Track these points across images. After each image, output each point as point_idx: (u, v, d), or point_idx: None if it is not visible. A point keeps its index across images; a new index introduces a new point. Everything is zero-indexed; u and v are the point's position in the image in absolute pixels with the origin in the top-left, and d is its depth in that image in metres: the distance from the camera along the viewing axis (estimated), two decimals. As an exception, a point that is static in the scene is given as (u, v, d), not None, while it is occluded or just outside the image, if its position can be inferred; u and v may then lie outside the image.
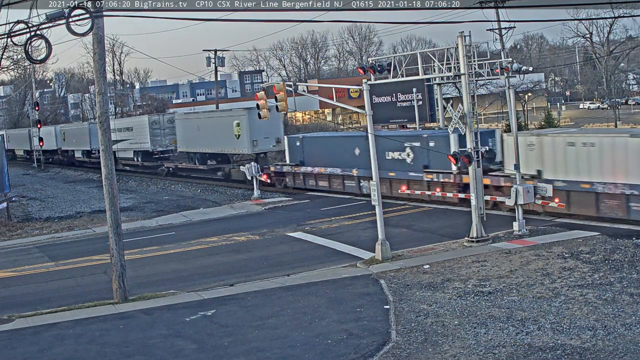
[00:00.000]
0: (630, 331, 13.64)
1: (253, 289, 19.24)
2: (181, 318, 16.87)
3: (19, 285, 22.36)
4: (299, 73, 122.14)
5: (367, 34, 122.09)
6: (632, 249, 19.98)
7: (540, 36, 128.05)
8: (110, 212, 18.97)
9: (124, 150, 57.60)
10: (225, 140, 43.49)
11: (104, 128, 19.01)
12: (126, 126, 56.94)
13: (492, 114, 79.91)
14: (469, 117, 22.59)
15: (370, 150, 22.43)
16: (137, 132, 54.78)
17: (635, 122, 70.13)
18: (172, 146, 53.03)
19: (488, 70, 24.60)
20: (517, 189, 23.50)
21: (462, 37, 22.50)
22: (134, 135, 55.21)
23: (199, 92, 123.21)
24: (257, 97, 23.71)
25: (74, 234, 31.13)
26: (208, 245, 26.39)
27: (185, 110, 70.98)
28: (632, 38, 78.75)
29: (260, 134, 41.20)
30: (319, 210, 32.03)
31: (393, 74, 24.07)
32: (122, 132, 56.49)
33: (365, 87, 22.35)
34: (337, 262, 21.91)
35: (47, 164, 73.90)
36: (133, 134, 55.34)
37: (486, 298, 16.47)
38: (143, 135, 53.81)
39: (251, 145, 41.55)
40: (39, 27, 15.22)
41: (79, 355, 14.88)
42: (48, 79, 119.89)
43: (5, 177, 36.75)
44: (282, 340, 14.73)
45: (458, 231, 24.23)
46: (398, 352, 13.60)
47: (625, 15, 59.15)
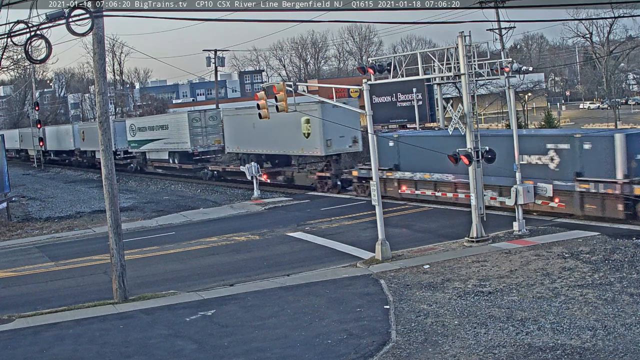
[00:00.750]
0: (630, 331, 13.64)
1: (253, 289, 19.24)
2: (181, 318, 16.87)
3: (19, 285, 22.36)
4: (299, 73, 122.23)
5: (367, 34, 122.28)
6: (632, 249, 19.98)
7: (540, 36, 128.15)
8: (110, 212, 18.97)
9: (156, 151, 53.58)
10: (290, 139, 37.77)
11: (104, 128, 19.03)
12: (160, 124, 52.45)
13: (492, 114, 79.92)
14: (469, 117, 22.59)
15: (371, 151, 22.46)
16: (173, 131, 50.06)
17: (635, 122, 70.19)
18: (215, 146, 48.19)
19: (488, 70, 24.58)
20: (517, 189, 23.51)
21: (462, 37, 22.49)
22: (170, 134, 50.52)
23: (199, 92, 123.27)
24: (257, 97, 23.73)
25: (74, 234, 31.13)
26: (208, 245, 26.40)
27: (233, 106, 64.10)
28: (632, 38, 78.72)
29: (335, 132, 35.10)
30: (319, 210, 32.02)
31: (393, 74, 24.05)
32: (155, 131, 52.37)
33: (365, 87, 22.35)
34: (337, 262, 21.91)
35: (64, 165, 70.65)
36: (168, 133, 50.71)
37: (486, 298, 16.47)
38: (181, 134, 48.90)
39: (324, 146, 35.84)
40: (39, 27, 15.23)
41: (79, 355, 14.88)
42: (48, 79, 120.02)
43: (5, 177, 36.75)
44: (282, 340, 14.74)
45: (458, 231, 24.23)
46: (398, 352, 13.60)
47: (625, 15, 59.18)
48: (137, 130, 55.65)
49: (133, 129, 56.21)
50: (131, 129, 56.46)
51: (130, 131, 56.54)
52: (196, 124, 48.00)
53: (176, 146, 50.11)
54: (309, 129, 36.37)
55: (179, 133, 49.26)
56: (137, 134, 55.50)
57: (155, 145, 52.76)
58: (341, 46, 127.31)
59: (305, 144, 36.81)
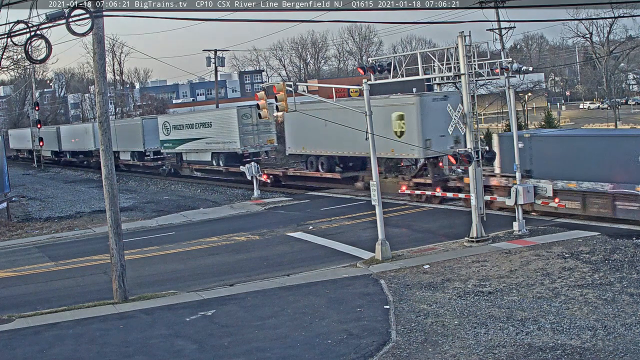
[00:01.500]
0: (630, 331, 13.64)
1: (253, 289, 19.24)
2: (181, 318, 16.87)
3: (19, 285, 22.36)
4: (299, 73, 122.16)
5: (367, 34, 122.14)
6: (632, 249, 19.98)
7: (540, 36, 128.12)
8: (110, 212, 18.97)
9: (195, 152, 48.36)
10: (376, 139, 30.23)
11: (104, 128, 19.04)
12: (201, 121, 47.27)
13: (492, 114, 79.91)
14: (469, 117, 22.60)
15: (371, 150, 22.44)
16: (218, 129, 44.78)
17: (635, 122, 70.15)
18: (268, 146, 43.60)
19: (488, 70, 24.57)
20: (517, 189, 23.51)
21: (462, 37, 22.50)
22: (214, 133, 45.29)
23: (199, 92, 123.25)
24: (257, 97, 23.72)
25: (74, 234, 31.13)
26: (208, 245, 26.40)
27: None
28: (632, 38, 78.81)
29: (435, 130, 29.67)
30: (319, 210, 32.02)
31: (393, 74, 24.06)
32: (195, 129, 47.35)
33: (365, 87, 22.35)
34: (337, 262, 21.91)
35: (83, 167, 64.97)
36: (212, 131, 45.51)
37: (486, 298, 16.47)
38: (228, 133, 43.55)
39: (423, 147, 30.25)
40: (39, 27, 15.23)
41: (79, 355, 14.88)
42: (48, 79, 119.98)
43: (5, 177, 36.76)
44: (282, 340, 14.73)
45: (458, 231, 24.23)
46: (398, 352, 13.60)
47: (625, 15, 59.26)
48: (171, 128, 50.56)
49: (167, 127, 51.10)
50: (164, 128, 51.38)
51: (163, 130, 51.54)
52: (247, 120, 42.38)
53: (222, 146, 44.87)
54: (403, 126, 31.06)
55: (225, 131, 43.89)
56: (172, 133, 50.44)
57: (195, 145, 47.67)
58: (341, 46, 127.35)
59: (396, 145, 30.62)
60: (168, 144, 51.44)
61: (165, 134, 51.45)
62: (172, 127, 50.66)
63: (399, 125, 31.26)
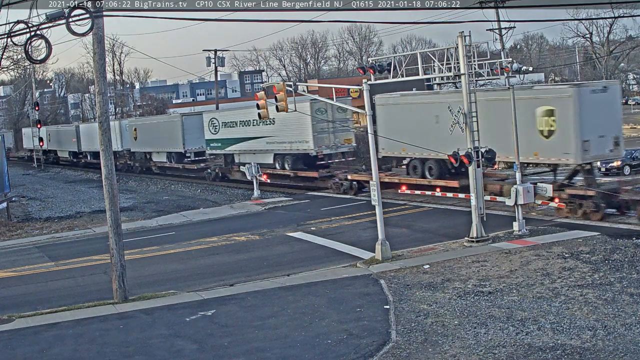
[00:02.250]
0: (630, 331, 13.64)
1: (253, 289, 19.24)
2: (181, 318, 16.87)
3: (19, 285, 22.37)
4: (299, 73, 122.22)
5: (367, 34, 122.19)
6: (632, 249, 19.98)
7: (540, 36, 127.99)
8: (110, 212, 18.97)
9: (252, 153, 41.72)
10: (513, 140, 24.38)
11: (104, 128, 19.07)
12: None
13: (492, 114, 79.78)
14: (469, 117, 22.59)
15: (371, 151, 22.44)
16: (283, 126, 37.93)
17: (636, 122, 70.12)
18: (345, 146, 37.79)
19: (488, 70, 24.57)
20: (517, 189, 23.49)
21: (462, 37, 22.49)
22: (278, 131, 38.75)
23: (199, 92, 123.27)
24: (257, 97, 23.73)
25: (74, 234, 31.13)
26: (208, 245, 26.40)
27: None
28: (632, 38, 78.83)
29: (594, 130, 24.86)
30: (319, 210, 32.02)
31: (393, 74, 24.05)
32: (251, 127, 41.13)
33: (365, 87, 22.35)
34: (337, 262, 21.91)
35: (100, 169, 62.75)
36: (276, 129, 38.78)
37: (486, 298, 16.47)
38: (298, 131, 37.37)
39: (580, 150, 24.77)
40: (39, 27, 15.24)
41: (79, 355, 14.88)
42: (48, 79, 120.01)
43: (5, 177, 36.77)
44: (282, 340, 14.73)
45: (458, 231, 24.23)
46: (398, 352, 13.60)
47: (625, 15, 59.31)
48: (220, 126, 44.75)
49: (214, 125, 45.30)
50: (211, 125, 45.60)
51: (210, 128, 45.76)
52: (321, 116, 36.41)
53: (289, 146, 38.68)
54: (552, 124, 25.41)
55: (294, 129, 37.59)
56: (221, 131, 44.66)
57: (253, 144, 41.38)
58: (341, 46, 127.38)
59: (542, 147, 25.63)
60: (216, 143, 45.48)
61: (212, 132, 45.62)
62: (221, 125, 44.82)
63: (546, 122, 25.60)
